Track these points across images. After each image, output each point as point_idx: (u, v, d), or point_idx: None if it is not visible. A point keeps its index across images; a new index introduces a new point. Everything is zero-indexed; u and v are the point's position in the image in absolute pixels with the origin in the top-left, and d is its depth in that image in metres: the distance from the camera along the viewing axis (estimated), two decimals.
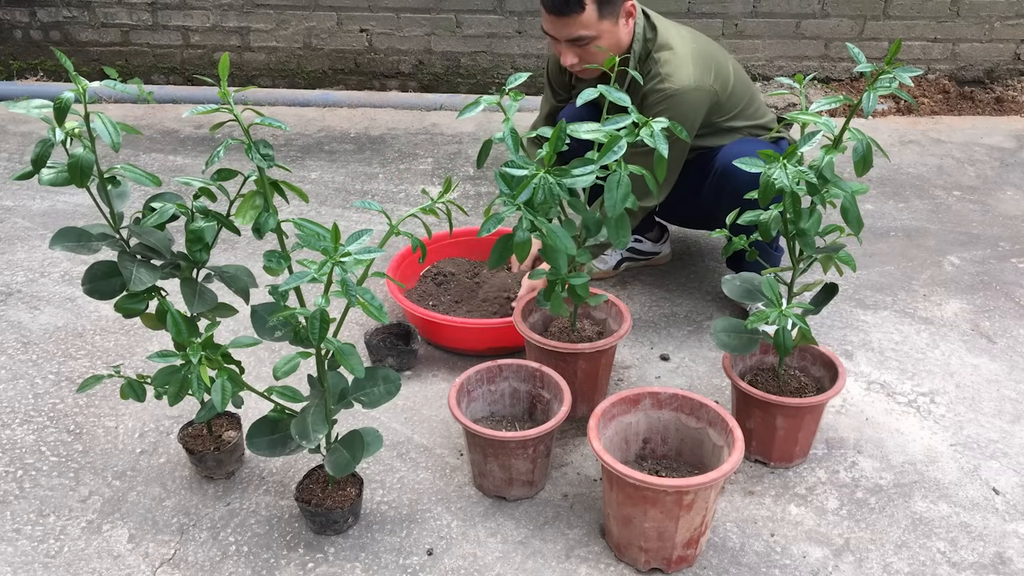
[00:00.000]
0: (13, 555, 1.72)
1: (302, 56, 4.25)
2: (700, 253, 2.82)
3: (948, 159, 3.54)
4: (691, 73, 2.15)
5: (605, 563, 1.70)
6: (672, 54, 2.16)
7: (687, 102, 2.15)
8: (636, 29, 2.18)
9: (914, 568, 1.69)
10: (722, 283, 1.87)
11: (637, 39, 2.18)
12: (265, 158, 1.46)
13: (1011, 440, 2.02)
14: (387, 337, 2.30)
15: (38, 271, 2.73)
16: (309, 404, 1.61)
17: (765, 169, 1.65)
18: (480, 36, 4.12)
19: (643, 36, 2.19)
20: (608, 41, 2.11)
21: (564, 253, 1.73)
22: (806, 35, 4.02)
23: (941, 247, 2.87)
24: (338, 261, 1.34)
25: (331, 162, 3.55)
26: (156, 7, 4.18)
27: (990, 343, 2.37)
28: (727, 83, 2.25)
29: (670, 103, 2.13)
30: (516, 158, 1.69)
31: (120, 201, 1.62)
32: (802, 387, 1.95)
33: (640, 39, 2.19)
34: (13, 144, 3.70)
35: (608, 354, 2.04)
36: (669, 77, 2.14)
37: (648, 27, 2.21)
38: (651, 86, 2.15)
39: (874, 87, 1.62)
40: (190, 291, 1.66)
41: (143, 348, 2.34)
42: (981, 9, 3.95)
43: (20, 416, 2.09)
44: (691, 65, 2.16)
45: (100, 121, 1.44)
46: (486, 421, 1.92)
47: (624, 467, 1.56)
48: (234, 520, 1.80)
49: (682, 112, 2.14)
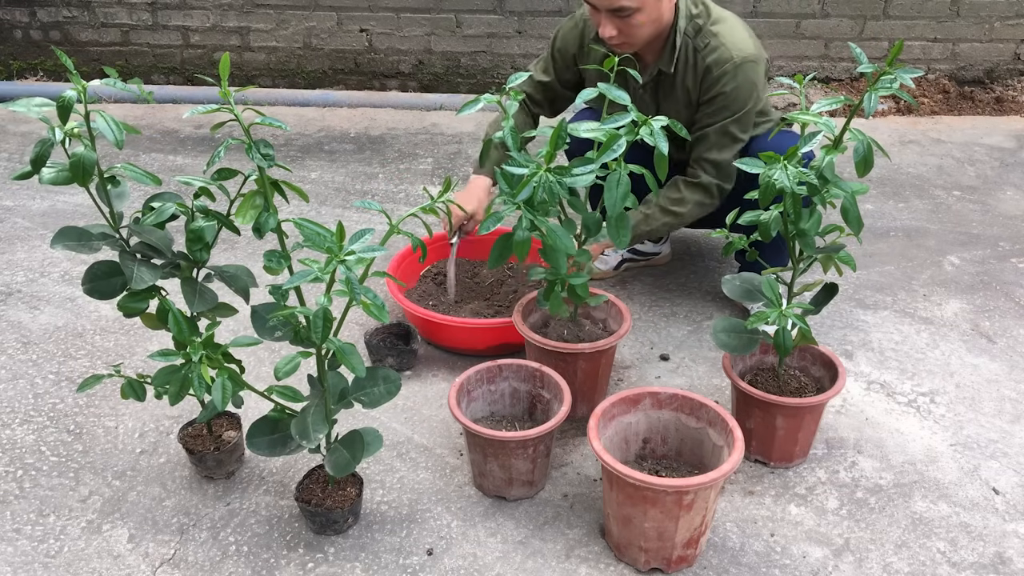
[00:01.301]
0: (13, 555, 1.72)
1: (302, 56, 4.25)
2: (700, 253, 2.82)
3: (948, 159, 3.54)
4: (751, 44, 2.14)
5: (605, 563, 1.70)
6: (729, 27, 2.14)
7: (756, 71, 2.14)
8: (680, 4, 2.13)
9: (914, 568, 1.69)
10: (722, 283, 1.87)
11: (683, 16, 2.14)
12: (265, 158, 1.46)
13: (1011, 440, 2.02)
14: (387, 337, 2.30)
15: (38, 271, 2.73)
16: (309, 404, 1.60)
17: (765, 170, 1.65)
18: (480, 36, 4.12)
19: (688, 13, 2.15)
20: (650, 15, 2.06)
21: (564, 253, 1.73)
22: (806, 35, 4.02)
23: (941, 247, 2.87)
24: (342, 260, 1.34)
25: (331, 162, 3.55)
26: (156, 7, 4.18)
27: (990, 343, 2.37)
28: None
29: (737, 72, 2.11)
30: (517, 156, 1.69)
31: (120, 201, 1.62)
32: (802, 387, 1.95)
33: (686, 16, 2.14)
34: (13, 144, 3.70)
35: (608, 354, 2.04)
36: (735, 46, 2.12)
37: (693, 3, 2.17)
38: (715, 56, 2.12)
39: (875, 88, 1.62)
40: (190, 290, 1.66)
41: (143, 348, 2.34)
42: (981, 9, 3.95)
43: (20, 416, 2.09)
44: (749, 38, 2.15)
45: (103, 119, 1.44)
46: (486, 421, 1.92)
47: (624, 467, 1.56)
48: (234, 520, 1.80)
49: (748, 79, 2.12)
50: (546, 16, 4.03)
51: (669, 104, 2.25)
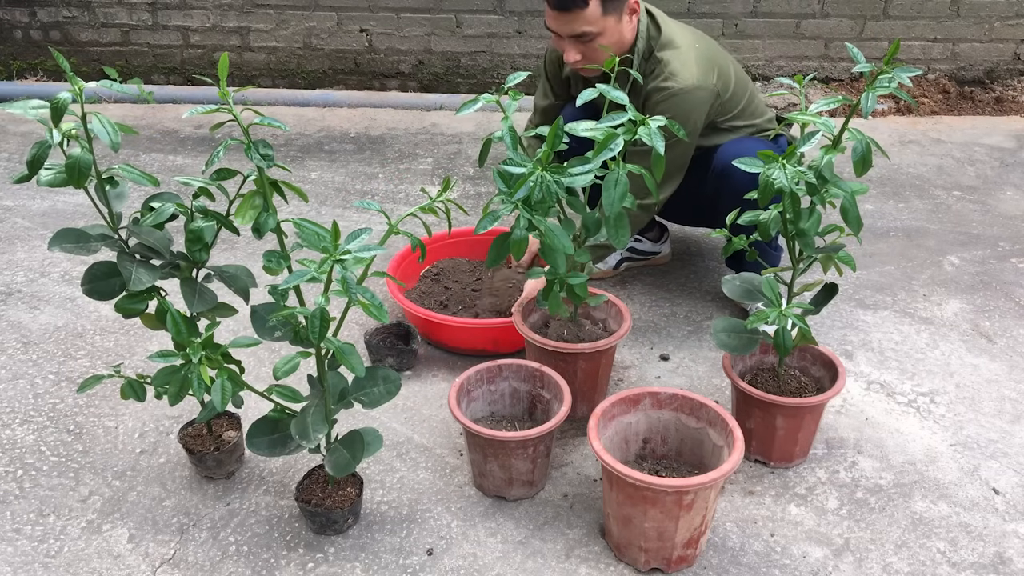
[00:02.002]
0: (13, 555, 1.72)
1: (302, 56, 4.25)
2: (700, 253, 2.82)
3: (948, 159, 3.54)
4: (695, 72, 2.14)
5: (605, 563, 1.70)
6: (676, 53, 2.16)
7: (690, 101, 2.14)
8: (640, 27, 2.17)
9: (914, 568, 1.69)
10: (722, 283, 1.87)
11: (641, 37, 2.17)
12: (265, 158, 1.46)
13: (1011, 440, 2.02)
14: (387, 337, 2.30)
15: (38, 271, 2.73)
16: (309, 404, 1.61)
17: (764, 169, 1.65)
18: (480, 36, 4.12)
19: (647, 34, 2.18)
20: (611, 38, 2.10)
21: (563, 252, 1.73)
22: (806, 35, 4.02)
23: (941, 247, 2.87)
24: (338, 259, 1.34)
25: (331, 162, 3.55)
26: (156, 7, 4.18)
27: (990, 343, 2.37)
28: (728, 83, 2.25)
29: (673, 102, 2.13)
30: (515, 155, 1.69)
31: (118, 201, 1.62)
32: (802, 387, 1.95)
33: (644, 37, 2.18)
34: (13, 144, 3.70)
35: (608, 354, 2.04)
36: (673, 76, 2.13)
37: (652, 25, 2.20)
38: (655, 84, 2.15)
39: (873, 87, 1.62)
40: (190, 291, 1.66)
41: (143, 348, 2.34)
42: (981, 9, 3.95)
43: (20, 416, 2.10)
44: (695, 64, 2.15)
45: (98, 122, 1.44)
46: (486, 421, 1.92)
47: (624, 467, 1.56)
48: (234, 520, 1.80)
49: (685, 111, 2.13)
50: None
51: None
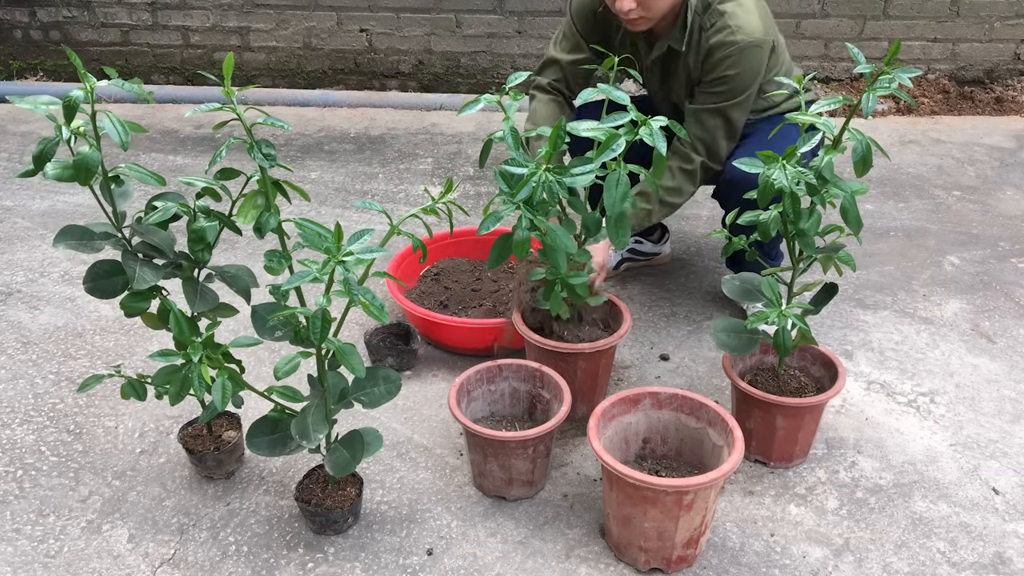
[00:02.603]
0: (13, 555, 1.72)
1: (302, 56, 4.25)
2: (700, 253, 2.83)
3: (948, 159, 3.54)
4: (759, 25, 2.08)
5: (605, 563, 1.70)
6: (738, 5, 2.09)
7: (759, 56, 2.09)
8: None
9: (914, 568, 1.69)
10: (722, 283, 1.87)
11: None
12: (267, 158, 1.46)
13: (1011, 440, 2.02)
14: (387, 337, 2.30)
15: (38, 271, 2.73)
16: (309, 404, 1.61)
17: (764, 170, 1.65)
18: (480, 36, 4.12)
19: None
20: None
21: (564, 252, 1.73)
22: (806, 35, 4.02)
23: (941, 247, 2.87)
24: (340, 260, 1.34)
25: (331, 162, 3.55)
26: (156, 7, 4.18)
27: (990, 343, 2.37)
28: (779, 37, 2.21)
29: (742, 56, 2.07)
30: (517, 156, 1.69)
31: (123, 200, 1.62)
32: (802, 387, 1.95)
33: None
34: (13, 144, 3.70)
35: (608, 354, 2.04)
36: (740, 29, 2.06)
37: None
38: (719, 39, 2.07)
39: (873, 88, 1.62)
40: (192, 291, 1.66)
41: (143, 348, 2.34)
42: (981, 9, 3.95)
43: (20, 416, 2.10)
44: (757, 16, 2.10)
45: (109, 120, 1.44)
46: (486, 421, 1.92)
47: (624, 467, 1.56)
48: (234, 520, 1.80)
49: (752, 65, 2.09)
50: (546, 16, 4.03)
51: (672, 81, 2.23)
